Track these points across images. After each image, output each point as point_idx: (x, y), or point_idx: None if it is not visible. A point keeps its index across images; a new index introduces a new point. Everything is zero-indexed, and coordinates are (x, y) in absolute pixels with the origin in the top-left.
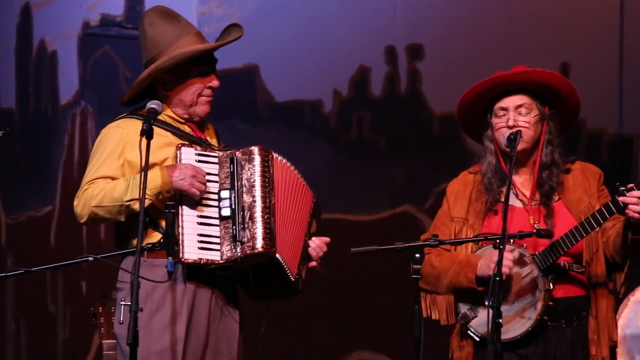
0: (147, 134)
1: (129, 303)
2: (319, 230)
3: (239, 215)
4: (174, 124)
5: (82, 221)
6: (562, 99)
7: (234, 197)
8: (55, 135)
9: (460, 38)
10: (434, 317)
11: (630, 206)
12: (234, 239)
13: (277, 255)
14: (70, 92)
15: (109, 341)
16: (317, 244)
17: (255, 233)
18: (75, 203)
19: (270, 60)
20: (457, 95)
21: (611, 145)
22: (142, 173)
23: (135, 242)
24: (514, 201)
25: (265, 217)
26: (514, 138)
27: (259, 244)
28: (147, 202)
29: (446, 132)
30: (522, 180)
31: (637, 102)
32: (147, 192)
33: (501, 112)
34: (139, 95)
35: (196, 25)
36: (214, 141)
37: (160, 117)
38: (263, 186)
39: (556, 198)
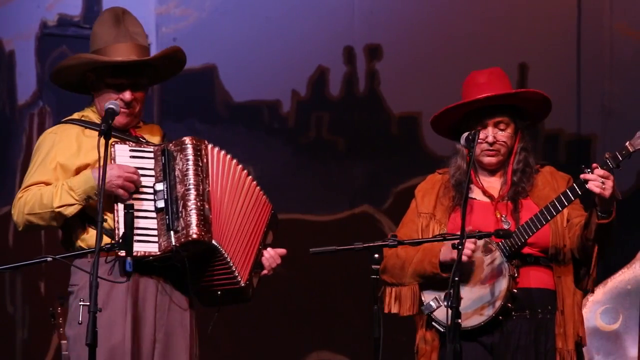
0: (105, 134)
1: (88, 304)
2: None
3: (173, 206)
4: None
5: (20, 229)
6: (538, 107)
7: (167, 189)
8: (13, 135)
9: (419, 39)
10: (395, 311)
11: (590, 182)
12: (168, 229)
13: (214, 241)
14: (28, 92)
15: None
16: (272, 255)
17: (189, 220)
18: (12, 212)
19: (229, 60)
20: (415, 95)
21: (569, 146)
22: (100, 173)
23: (79, 243)
24: (481, 197)
25: (199, 204)
26: (472, 138)
27: (192, 230)
28: (77, 208)
29: (405, 133)
30: (492, 180)
31: (595, 103)
32: (76, 197)
33: (480, 127)
34: (76, 89)
35: (154, 25)
36: (155, 140)
37: (97, 118)
38: (195, 174)
39: (524, 194)
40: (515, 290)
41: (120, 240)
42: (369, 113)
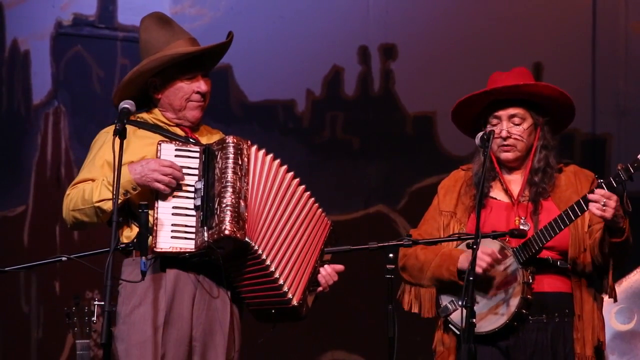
0: (119, 133)
1: (102, 303)
2: None
3: (209, 203)
4: (164, 126)
5: (69, 227)
6: (557, 106)
7: (204, 186)
8: (28, 135)
9: (433, 38)
10: (415, 311)
11: (590, 204)
12: (202, 225)
13: (247, 238)
14: (43, 91)
15: (83, 341)
16: (329, 272)
17: (223, 217)
18: (62, 208)
19: (244, 60)
20: (430, 95)
21: (584, 145)
22: (115, 173)
23: (124, 239)
24: (502, 197)
25: (233, 201)
26: (487, 138)
27: (225, 226)
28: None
29: (419, 132)
30: (514, 180)
31: (610, 103)
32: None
33: (495, 121)
34: (136, 98)
35: None
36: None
37: (151, 120)
38: (233, 172)
39: (546, 195)
40: (530, 297)
41: (135, 240)
42: (384, 113)
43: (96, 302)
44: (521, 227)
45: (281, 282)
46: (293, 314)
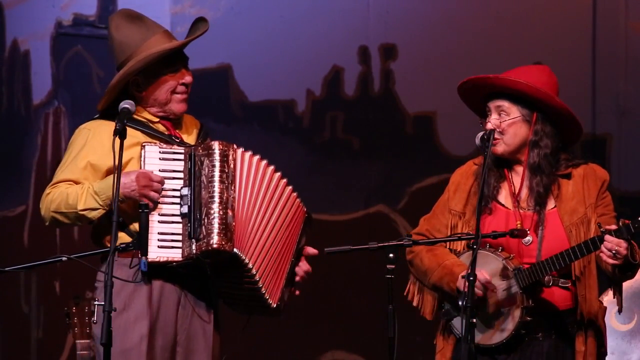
0: (120, 133)
1: (102, 303)
2: None
3: (197, 212)
4: (147, 123)
5: (47, 224)
6: (544, 104)
7: (191, 194)
8: (28, 135)
9: (434, 38)
10: (415, 304)
11: (602, 253)
12: (190, 236)
13: (235, 250)
14: (43, 91)
15: (83, 341)
16: (304, 270)
17: (211, 229)
18: (40, 206)
19: (244, 60)
20: (430, 95)
21: (584, 146)
22: (115, 173)
23: (106, 242)
24: (507, 202)
25: (221, 212)
26: (487, 138)
27: (212, 240)
28: (101, 212)
29: (419, 132)
30: (519, 179)
31: (610, 103)
32: (100, 202)
33: (488, 113)
34: (115, 99)
35: (169, 25)
36: (191, 137)
37: (134, 117)
38: (220, 181)
39: (552, 204)
40: (529, 318)
41: (135, 240)
42: (384, 113)
43: (96, 302)
44: (523, 243)
45: (263, 290)
46: (270, 312)
